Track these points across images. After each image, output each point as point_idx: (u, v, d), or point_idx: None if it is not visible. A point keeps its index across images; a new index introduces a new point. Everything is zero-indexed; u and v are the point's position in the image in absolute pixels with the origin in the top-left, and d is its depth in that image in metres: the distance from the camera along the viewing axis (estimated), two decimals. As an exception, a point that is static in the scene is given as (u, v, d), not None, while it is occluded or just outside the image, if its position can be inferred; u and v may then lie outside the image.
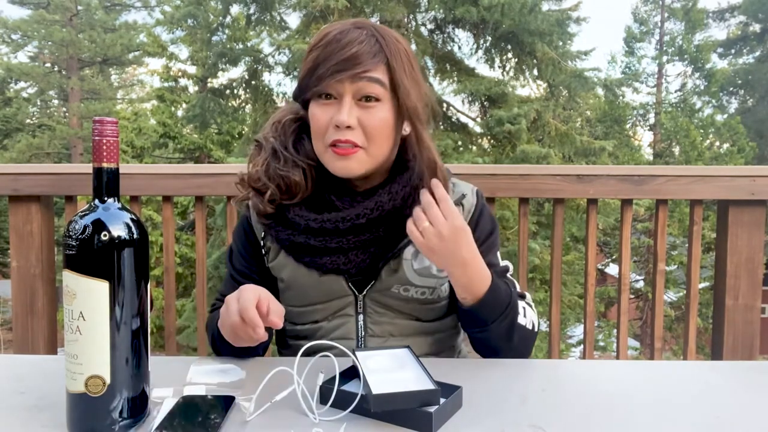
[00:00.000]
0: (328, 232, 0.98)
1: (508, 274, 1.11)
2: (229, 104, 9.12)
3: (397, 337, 1.05)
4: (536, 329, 1.04)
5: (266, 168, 1.01)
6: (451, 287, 1.02)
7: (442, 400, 0.77)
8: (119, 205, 0.73)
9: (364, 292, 1.04)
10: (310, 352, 0.84)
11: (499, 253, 1.11)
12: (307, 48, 0.98)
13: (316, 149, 0.99)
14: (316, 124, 0.97)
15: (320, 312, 1.06)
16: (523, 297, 1.09)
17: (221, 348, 1.01)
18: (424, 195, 0.91)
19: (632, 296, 13.56)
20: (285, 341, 1.14)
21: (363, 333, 1.05)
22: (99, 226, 0.70)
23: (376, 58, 0.93)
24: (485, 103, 8.31)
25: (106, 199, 0.73)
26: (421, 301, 1.05)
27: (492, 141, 8.29)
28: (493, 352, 1.01)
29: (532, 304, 1.09)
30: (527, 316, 1.02)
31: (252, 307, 0.83)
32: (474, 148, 8.65)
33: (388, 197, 1.00)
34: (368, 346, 1.04)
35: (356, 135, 0.94)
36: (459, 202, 1.08)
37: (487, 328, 0.97)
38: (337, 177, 1.00)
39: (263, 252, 1.08)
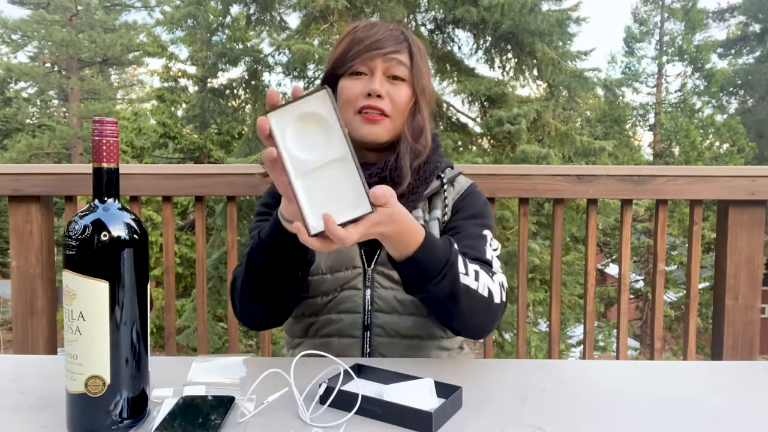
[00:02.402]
0: None
1: (487, 246, 1.08)
2: (229, 104, 9.12)
3: (402, 314, 1.09)
4: (497, 299, 0.97)
5: None
6: None
7: (442, 400, 0.77)
8: (119, 206, 0.73)
9: (372, 265, 1.11)
10: (311, 353, 0.84)
11: (487, 231, 1.10)
12: (338, 39, 1.14)
13: (345, 117, 1.09)
14: (348, 93, 1.08)
15: (330, 282, 1.10)
16: (489, 264, 1.04)
17: (258, 269, 0.95)
18: None
19: (632, 296, 13.57)
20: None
21: (369, 306, 1.09)
22: (99, 226, 0.70)
23: (402, 45, 1.10)
24: (485, 103, 8.31)
25: (106, 199, 0.73)
26: None
27: (492, 141, 8.28)
28: (448, 317, 0.97)
29: (498, 274, 1.03)
30: (480, 280, 0.94)
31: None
32: (474, 148, 8.64)
33: (393, 156, 1.10)
34: (375, 323, 1.09)
35: (385, 104, 1.07)
36: (451, 181, 1.18)
37: (426, 288, 0.89)
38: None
39: None
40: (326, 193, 0.72)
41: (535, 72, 8.41)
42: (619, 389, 0.88)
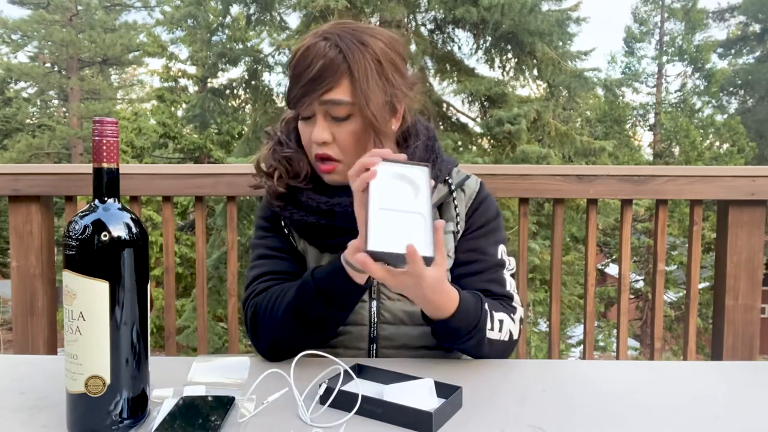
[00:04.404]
0: (337, 214, 1.04)
1: (505, 271, 1.10)
2: (229, 104, 9.12)
3: (408, 325, 1.07)
4: (516, 337, 1.05)
5: (272, 153, 1.11)
6: (452, 274, 1.09)
7: (442, 401, 0.77)
8: (119, 206, 0.73)
9: None
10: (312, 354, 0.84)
11: (501, 247, 1.12)
12: (289, 59, 1.09)
13: (309, 158, 1.08)
14: (304, 139, 1.06)
15: None
16: (510, 298, 1.08)
17: (311, 316, 0.95)
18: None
19: (632, 296, 13.57)
20: None
21: (375, 319, 1.07)
22: (99, 226, 0.70)
23: (338, 73, 0.97)
24: (485, 103, 8.31)
25: (106, 199, 0.73)
26: None
27: (492, 141, 8.29)
28: (468, 354, 1.06)
29: (518, 308, 1.08)
30: (503, 329, 1.01)
31: None
32: (474, 148, 8.65)
33: None
34: (381, 335, 1.07)
35: (332, 149, 1.01)
36: (460, 186, 1.13)
37: (454, 344, 1.00)
38: None
39: (286, 232, 1.13)
40: (397, 229, 0.79)
41: (535, 72, 8.41)
42: (619, 389, 0.88)
